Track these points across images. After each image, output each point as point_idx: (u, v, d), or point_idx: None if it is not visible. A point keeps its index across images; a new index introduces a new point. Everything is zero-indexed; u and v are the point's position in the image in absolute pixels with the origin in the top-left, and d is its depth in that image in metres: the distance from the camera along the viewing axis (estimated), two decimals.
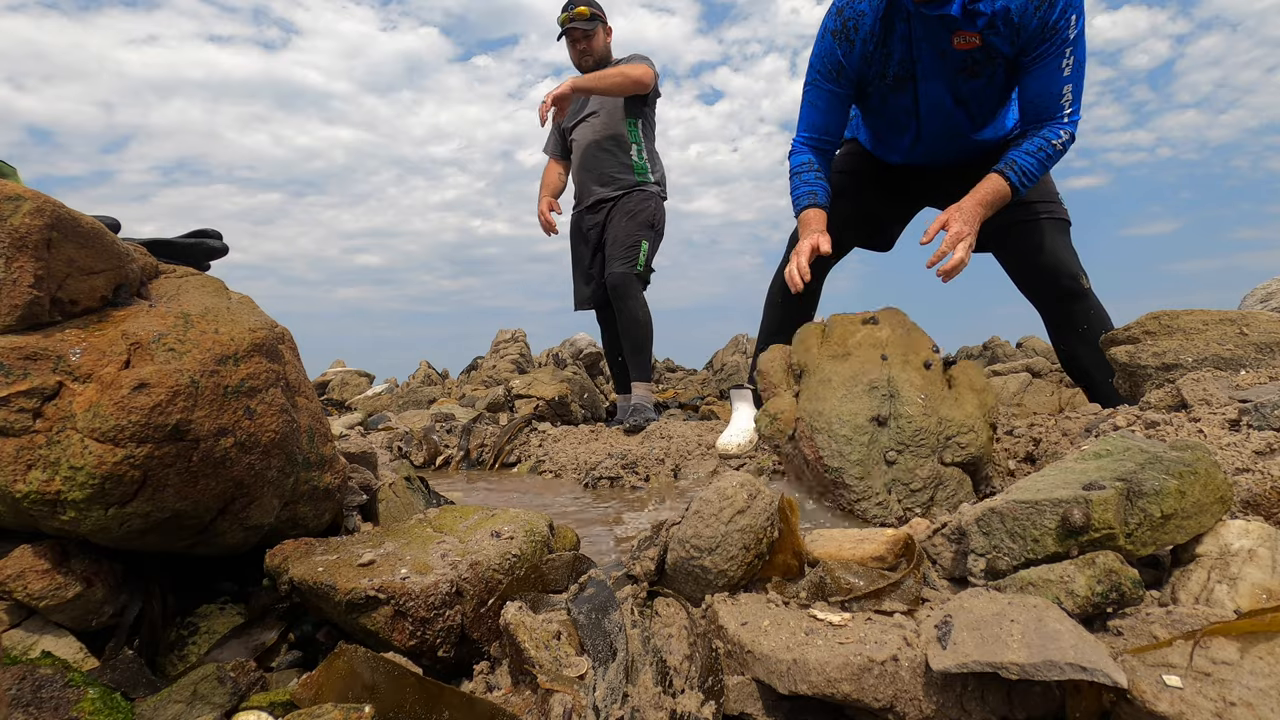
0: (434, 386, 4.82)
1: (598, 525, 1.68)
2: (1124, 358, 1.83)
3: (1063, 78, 1.76)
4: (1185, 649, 0.65)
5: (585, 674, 0.80)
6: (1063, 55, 1.74)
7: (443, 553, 0.99)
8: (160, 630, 0.97)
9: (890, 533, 0.96)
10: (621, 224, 3.18)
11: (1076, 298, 1.99)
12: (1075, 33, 1.73)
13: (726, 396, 4.06)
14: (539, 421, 3.08)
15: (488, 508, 1.21)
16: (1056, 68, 1.76)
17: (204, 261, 1.51)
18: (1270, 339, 1.62)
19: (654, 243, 3.22)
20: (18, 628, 0.89)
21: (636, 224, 3.16)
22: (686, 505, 0.95)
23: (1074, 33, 1.72)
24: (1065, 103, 1.79)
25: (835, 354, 1.58)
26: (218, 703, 0.83)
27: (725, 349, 6.07)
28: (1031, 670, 0.63)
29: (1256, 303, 2.37)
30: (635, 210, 3.18)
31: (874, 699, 0.70)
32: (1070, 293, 1.99)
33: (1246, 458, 1.03)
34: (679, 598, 0.91)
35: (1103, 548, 0.79)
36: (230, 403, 0.94)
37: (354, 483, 1.34)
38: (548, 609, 0.95)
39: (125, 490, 0.86)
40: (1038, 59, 1.78)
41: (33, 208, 0.89)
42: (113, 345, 0.91)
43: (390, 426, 3.23)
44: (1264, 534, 0.79)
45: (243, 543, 1.04)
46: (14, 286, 0.88)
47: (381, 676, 0.79)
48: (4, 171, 1.39)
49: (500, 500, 2.08)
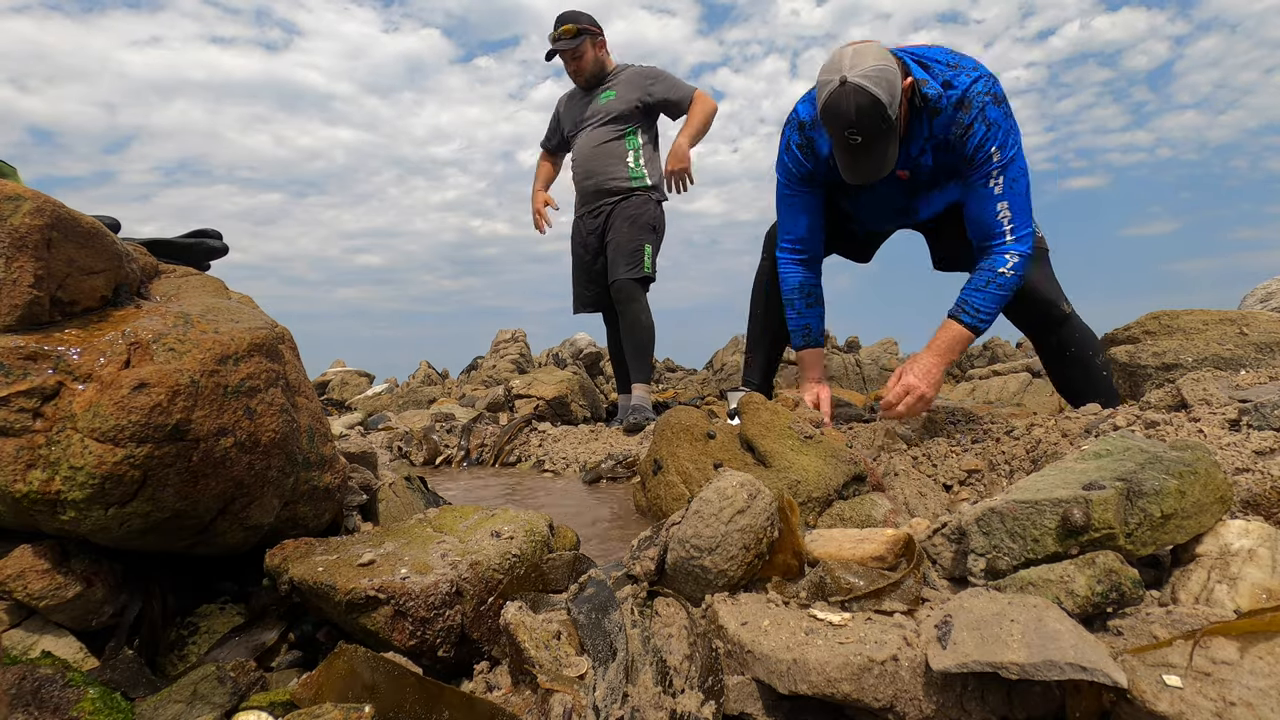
0: (434, 386, 4.82)
1: (598, 524, 1.68)
2: (1124, 358, 1.83)
3: (995, 197, 1.82)
4: (1185, 649, 0.65)
5: (585, 674, 0.80)
6: (988, 178, 1.81)
7: (443, 553, 0.99)
8: (160, 630, 0.97)
9: (890, 533, 0.96)
10: (623, 229, 3.19)
11: (1058, 324, 2.04)
12: (1003, 157, 1.79)
13: (725, 396, 4.07)
14: (539, 421, 3.08)
15: (487, 507, 1.21)
16: (987, 191, 1.82)
17: (204, 261, 1.51)
18: (1270, 339, 1.62)
19: (656, 245, 3.24)
20: (18, 628, 0.89)
21: (638, 228, 3.18)
22: (687, 505, 0.95)
23: (1000, 158, 1.79)
24: (1004, 220, 1.83)
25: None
26: (218, 703, 0.83)
27: (725, 349, 6.07)
28: (1031, 670, 0.63)
29: (1256, 303, 2.37)
30: (635, 214, 3.20)
31: (874, 699, 0.70)
32: (1052, 320, 2.04)
33: (1246, 458, 1.03)
34: (679, 598, 0.91)
35: (1103, 548, 0.79)
36: (230, 403, 0.94)
37: (354, 483, 1.34)
38: (548, 609, 0.95)
39: (125, 490, 0.85)
40: (970, 182, 1.85)
41: (33, 207, 0.89)
42: (113, 345, 0.91)
43: (390, 426, 3.23)
44: (1264, 534, 0.79)
45: (243, 543, 1.04)
46: (14, 286, 0.88)
47: (381, 676, 0.79)
48: (4, 171, 1.39)
49: (499, 499, 2.08)
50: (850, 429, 2.00)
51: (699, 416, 1.69)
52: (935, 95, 1.76)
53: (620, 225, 3.20)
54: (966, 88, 1.76)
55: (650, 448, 1.70)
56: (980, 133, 1.76)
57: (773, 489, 1.17)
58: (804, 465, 1.44)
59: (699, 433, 1.63)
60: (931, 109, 1.78)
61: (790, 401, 1.75)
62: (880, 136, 1.70)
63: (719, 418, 1.87)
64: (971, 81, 1.76)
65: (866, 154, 1.74)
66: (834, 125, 1.72)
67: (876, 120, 1.66)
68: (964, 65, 1.80)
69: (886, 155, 1.75)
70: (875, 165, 1.76)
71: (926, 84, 1.76)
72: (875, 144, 1.72)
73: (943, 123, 1.79)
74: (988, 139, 1.76)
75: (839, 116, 1.68)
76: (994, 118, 1.76)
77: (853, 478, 1.47)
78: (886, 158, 1.75)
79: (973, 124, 1.76)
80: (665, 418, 1.70)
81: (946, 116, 1.78)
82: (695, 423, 1.66)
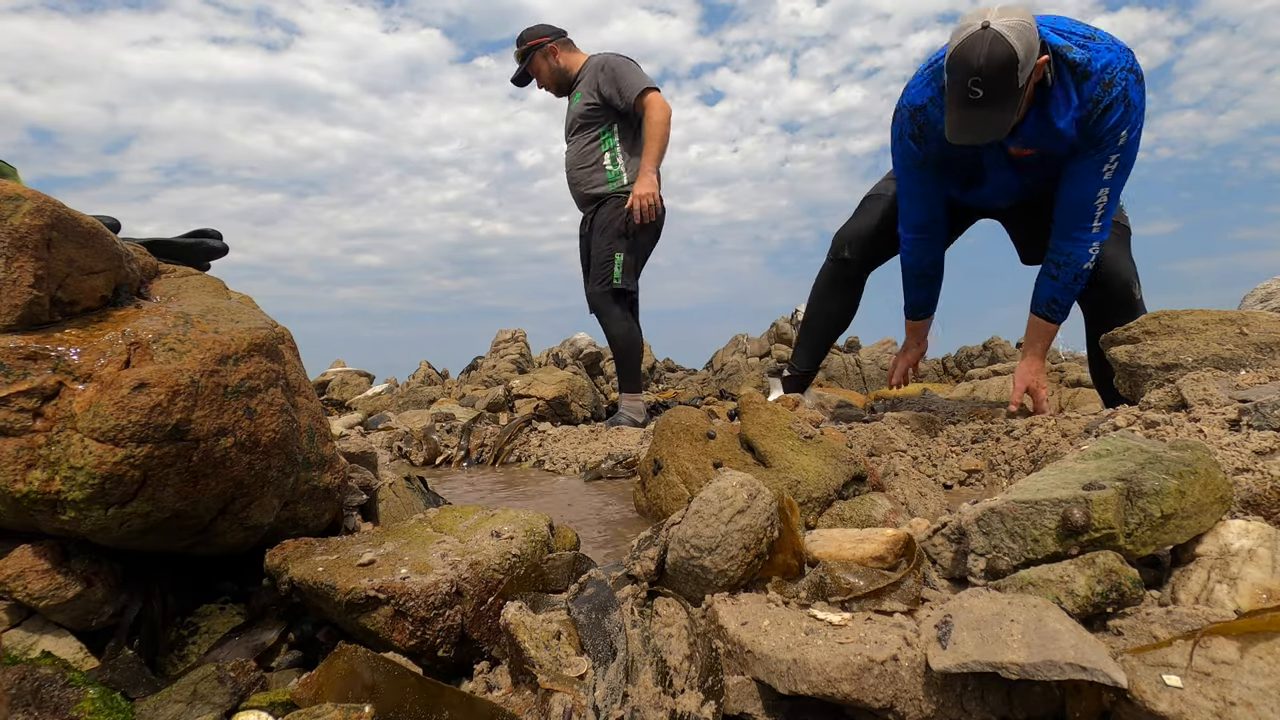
0: (434, 386, 4.82)
1: (598, 525, 1.68)
2: (1124, 358, 1.83)
3: (1103, 182, 1.75)
4: (1185, 649, 0.65)
5: (585, 674, 0.80)
6: (1105, 161, 1.72)
7: (443, 553, 0.99)
8: (160, 630, 0.97)
9: (890, 533, 0.96)
10: (598, 240, 3.15)
11: (1125, 305, 2.00)
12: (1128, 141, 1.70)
13: (726, 396, 4.07)
14: (539, 421, 3.08)
15: (487, 507, 1.21)
16: (1098, 174, 1.74)
17: (204, 261, 1.51)
18: (1270, 339, 1.62)
19: (630, 248, 3.13)
20: (18, 628, 0.89)
21: (608, 238, 3.12)
22: (687, 505, 0.95)
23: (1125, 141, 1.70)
24: (1099, 206, 1.78)
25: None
26: (218, 703, 0.83)
27: (725, 349, 6.08)
28: (1031, 670, 0.63)
29: (1256, 303, 2.38)
30: (605, 224, 3.14)
31: (874, 699, 0.70)
32: (1120, 300, 2.00)
33: (1246, 457, 1.03)
34: (679, 598, 0.91)
35: (1103, 548, 0.79)
36: (230, 403, 0.94)
37: (354, 483, 1.34)
38: (548, 609, 0.95)
39: (125, 490, 0.85)
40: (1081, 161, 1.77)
41: (32, 207, 0.89)
42: (113, 345, 0.91)
43: (390, 426, 3.23)
44: (1264, 534, 0.79)
45: (243, 543, 1.04)
46: (14, 286, 0.88)
47: (381, 676, 0.79)
48: (4, 171, 1.39)
49: (499, 499, 2.08)
50: (850, 429, 2.00)
51: (699, 416, 1.69)
52: (1083, 60, 1.63)
53: (596, 236, 3.16)
54: (1109, 62, 1.63)
55: (650, 448, 1.70)
56: (1119, 113, 1.65)
57: (773, 489, 1.17)
58: (804, 465, 1.44)
59: (699, 433, 1.63)
60: (1081, 73, 1.65)
61: (791, 402, 1.75)
62: (1001, 98, 1.60)
63: (719, 418, 1.87)
64: (1115, 55, 1.63)
65: (981, 113, 1.63)
66: (959, 73, 1.60)
67: (1005, 76, 1.56)
68: (1100, 36, 1.68)
69: (998, 122, 1.64)
70: (984, 128, 1.65)
71: (1070, 49, 1.64)
72: (993, 104, 1.61)
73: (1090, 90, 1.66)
74: (1124, 121, 1.65)
75: (968, 62, 1.58)
76: (1135, 99, 1.65)
77: (853, 478, 1.47)
78: (996, 124, 1.65)
79: (1113, 102, 1.64)
80: (665, 418, 1.70)
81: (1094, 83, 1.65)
82: (695, 423, 1.66)
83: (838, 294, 2.52)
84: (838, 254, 2.47)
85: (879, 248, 2.40)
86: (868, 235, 2.38)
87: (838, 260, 2.47)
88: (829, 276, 2.52)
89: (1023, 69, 1.56)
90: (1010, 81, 1.57)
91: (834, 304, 2.53)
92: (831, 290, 2.52)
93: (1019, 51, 1.54)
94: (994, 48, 1.55)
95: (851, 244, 2.43)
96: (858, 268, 2.45)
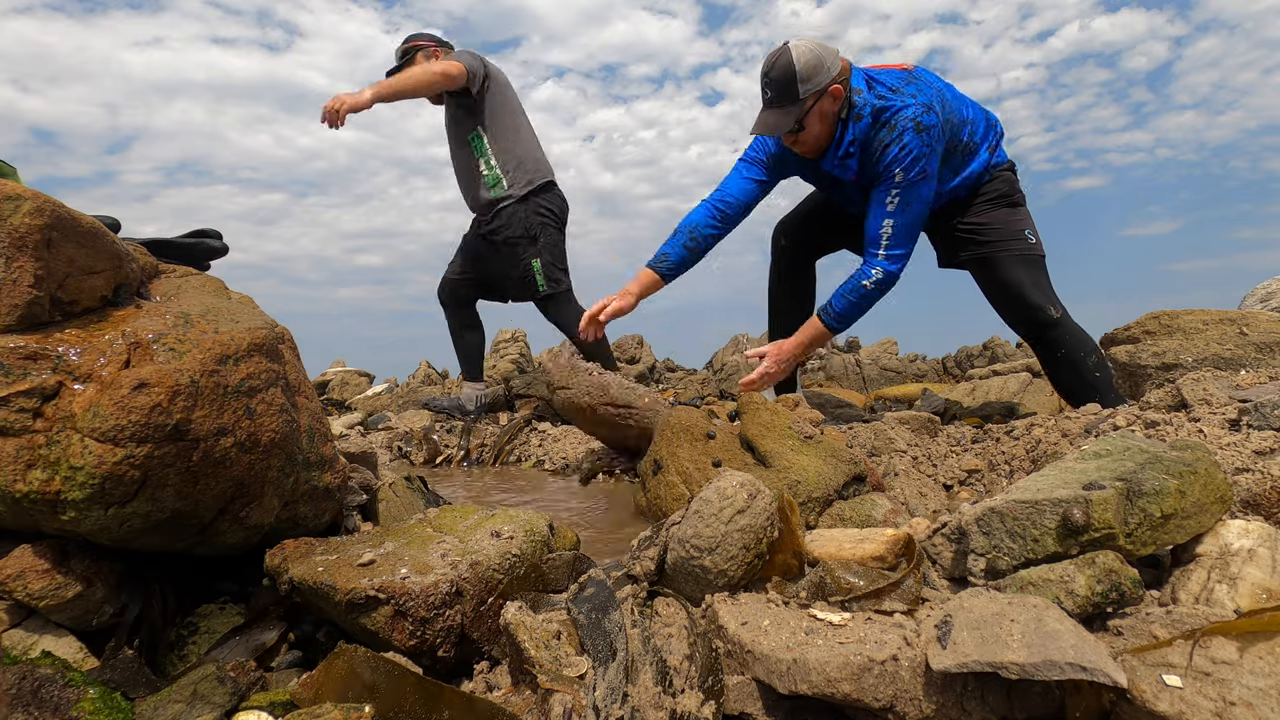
0: (434, 386, 4.82)
1: (598, 525, 1.68)
2: (1124, 358, 1.83)
3: (886, 213, 1.98)
4: (1185, 649, 0.65)
5: (585, 674, 0.80)
6: (887, 193, 1.97)
7: (443, 553, 0.99)
8: (160, 630, 0.97)
9: (890, 533, 0.96)
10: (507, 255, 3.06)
11: (1047, 327, 2.09)
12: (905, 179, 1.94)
13: (726, 396, 4.07)
14: (539, 421, 3.08)
15: (487, 507, 1.21)
16: (882, 206, 1.99)
17: (204, 261, 1.51)
18: (1270, 339, 1.62)
19: (542, 250, 3.03)
20: (18, 628, 0.89)
21: (515, 254, 3.03)
22: (686, 505, 0.95)
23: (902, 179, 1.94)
24: (885, 234, 1.99)
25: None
26: (218, 702, 0.83)
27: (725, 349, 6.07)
28: (1031, 670, 0.63)
29: (1256, 303, 2.37)
30: (503, 240, 3.05)
31: (874, 699, 0.70)
32: (1040, 324, 2.10)
33: (1246, 458, 1.03)
34: (679, 597, 0.91)
35: (1103, 547, 0.79)
36: (230, 402, 0.94)
37: (354, 483, 1.34)
38: (548, 609, 0.94)
39: (125, 490, 0.85)
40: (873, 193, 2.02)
41: (33, 207, 0.89)
42: (113, 345, 0.91)
43: (390, 426, 3.23)
44: (1264, 534, 0.79)
45: (243, 543, 1.04)
46: (14, 286, 0.88)
47: (381, 676, 0.79)
48: (4, 171, 1.39)
49: (500, 499, 2.08)
50: (850, 429, 2.00)
51: (699, 416, 1.69)
52: (860, 104, 1.97)
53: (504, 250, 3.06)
54: (897, 109, 1.94)
55: (650, 448, 1.70)
56: (894, 152, 1.93)
57: (773, 489, 1.17)
58: (804, 465, 1.44)
59: (699, 433, 1.63)
60: (855, 115, 1.99)
61: (791, 402, 1.75)
62: (785, 102, 1.91)
63: (719, 418, 1.87)
64: (903, 106, 1.94)
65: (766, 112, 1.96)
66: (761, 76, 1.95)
67: (787, 83, 1.89)
68: (908, 92, 1.96)
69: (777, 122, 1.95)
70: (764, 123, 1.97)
71: (860, 93, 1.98)
72: (777, 105, 1.93)
73: (863, 130, 1.98)
74: (898, 159, 1.93)
75: (764, 67, 1.94)
76: (909, 143, 1.91)
77: (853, 478, 1.47)
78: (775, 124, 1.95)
79: (890, 143, 1.94)
80: (665, 418, 1.70)
81: (865, 125, 1.97)
82: (695, 423, 1.66)
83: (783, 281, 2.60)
84: (775, 243, 2.59)
85: (810, 231, 2.51)
86: (798, 220, 2.52)
87: (775, 249, 2.59)
88: (773, 267, 2.62)
89: (803, 82, 1.89)
90: (791, 88, 1.90)
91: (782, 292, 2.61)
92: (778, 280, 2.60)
93: (798, 68, 1.88)
94: (781, 58, 1.90)
95: (785, 231, 2.55)
96: (793, 252, 2.55)
